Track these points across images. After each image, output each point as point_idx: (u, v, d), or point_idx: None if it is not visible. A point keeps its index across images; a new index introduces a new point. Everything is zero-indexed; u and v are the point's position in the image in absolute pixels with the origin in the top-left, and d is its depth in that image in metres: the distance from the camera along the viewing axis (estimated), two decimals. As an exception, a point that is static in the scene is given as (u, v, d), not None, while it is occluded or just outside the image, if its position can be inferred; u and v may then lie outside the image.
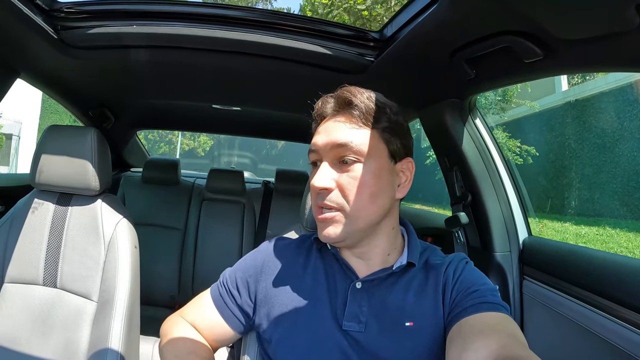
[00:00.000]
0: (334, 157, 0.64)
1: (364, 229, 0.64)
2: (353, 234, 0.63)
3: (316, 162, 0.67)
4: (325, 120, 0.68)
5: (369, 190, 0.62)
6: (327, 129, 0.66)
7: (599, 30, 0.59)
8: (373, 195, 0.63)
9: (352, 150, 0.62)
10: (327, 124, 0.67)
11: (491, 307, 0.56)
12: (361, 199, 0.62)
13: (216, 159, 17.72)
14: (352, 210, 0.62)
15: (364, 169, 0.62)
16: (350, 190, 0.62)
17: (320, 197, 0.63)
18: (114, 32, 0.99)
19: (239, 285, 0.73)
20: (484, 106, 8.07)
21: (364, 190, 0.62)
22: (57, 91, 1.49)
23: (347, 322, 0.62)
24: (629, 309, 0.77)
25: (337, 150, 0.63)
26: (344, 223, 0.62)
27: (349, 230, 0.63)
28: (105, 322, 1.00)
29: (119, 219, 1.12)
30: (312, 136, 0.71)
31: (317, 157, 0.66)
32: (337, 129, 0.64)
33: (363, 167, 0.62)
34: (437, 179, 7.88)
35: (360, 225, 0.63)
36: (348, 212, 0.62)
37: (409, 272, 0.66)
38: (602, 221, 6.22)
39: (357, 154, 0.62)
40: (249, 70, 1.19)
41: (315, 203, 0.65)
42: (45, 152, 1.09)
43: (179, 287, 2.11)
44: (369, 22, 6.38)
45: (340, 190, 0.62)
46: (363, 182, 0.62)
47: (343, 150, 0.62)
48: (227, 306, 0.72)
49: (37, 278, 1.08)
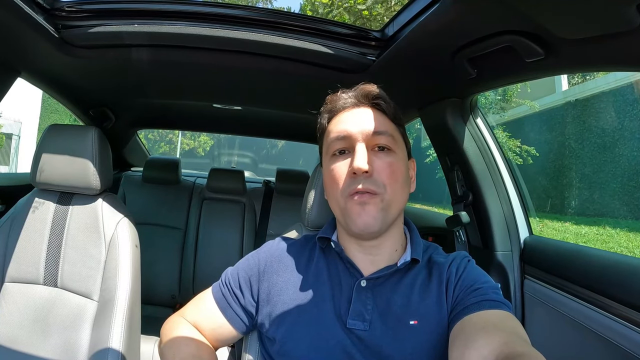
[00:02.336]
0: (368, 143, 0.64)
1: (394, 218, 0.65)
2: (386, 223, 0.64)
3: (344, 150, 0.66)
4: (349, 109, 0.68)
5: (402, 177, 0.64)
6: (356, 116, 0.66)
7: (600, 29, 0.59)
8: (404, 184, 0.65)
9: (387, 138, 0.64)
10: (353, 112, 0.67)
11: (493, 305, 0.57)
12: (396, 185, 0.63)
13: (216, 158, 17.71)
14: (389, 196, 0.63)
15: (397, 157, 0.65)
16: (388, 176, 0.63)
17: (358, 181, 0.62)
18: (115, 31, 0.99)
19: (241, 285, 0.72)
20: (484, 106, 8.07)
21: (398, 177, 0.64)
22: (58, 90, 1.49)
23: (352, 320, 0.63)
24: (630, 308, 0.77)
25: (373, 137, 0.64)
26: (380, 209, 0.62)
27: (385, 217, 0.63)
28: (106, 321, 1.00)
29: (120, 219, 1.12)
30: (324, 130, 0.71)
31: (346, 145, 0.65)
32: (369, 116, 0.66)
33: (396, 156, 0.65)
34: (437, 178, 7.89)
35: (392, 213, 0.64)
36: (386, 198, 0.62)
37: (412, 269, 0.66)
38: (602, 221, 6.22)
39: (391, 142, 0.65)
40: (250, 70, 1.19)
41: (348, 194, 0.63)
42: (45, 151, 1.09)
43: (179, 286, 2.11)
44: (369, 22, 6.37)
45: (378, 173, 0.63)
46: (397, 169, 0.64)
47: (379, 137, 0.64)
48: (230, 307, 0.72)
49: (37, 277, 1.08)
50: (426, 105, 1.23)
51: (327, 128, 0.71)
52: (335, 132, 0.67)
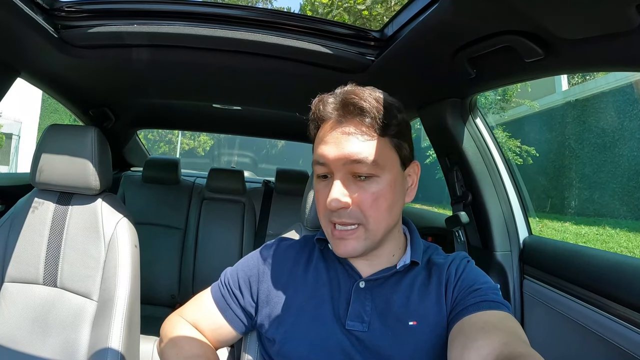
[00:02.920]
0: (347, 172, 0.60)
1: (381, 239, 0.63)
2: (372, 246, 0.63)
3: (326, 175, 0.63)
4: (331, 128, 0.62)
5: (386, 203, 0.60)
6: (337, 139, 0.60)
7: (600, 29, 0.59)
8: (390, 207, 0.61)
9: (368, 165, 0.59)
10: (335, 134, 0.61)
11: (493, 306, 0.57)
12: (380, 212, 0.60)
13: (216, 158, 17.70)
14: (371, 224, 0.60)
15: (380, 183, 0.60)
16: (369, 205, 0.59)
17: (336, 215, 0.60)
18: (115, 31, 0.99)
19: (241, 286, 0.72)
20: (483, 106, 8.07)
21: (382, 204, 0.60)
22: (58, 90, 1.49)
23: (351, 321, 0.62)
24: (629, 308, 0.77)
25: (351, 166, 0.59)
26: (364, 238, 0.61)
27: (369, 244, 0.62)
28: (106, 321, 1.00)
29: (120, 219, 1.12)
30: (313, 139, 0.67)
31: (326, 171, 0.62)
32: (349, 140, 0.59)
33: (379, 181, 0.60)
34: (437, 178, 7.88)
35: (378, 237, 0.62)
36: (368, 227, 0.60)
37: (412, 271, 0.66)
38: (602, 221, 6.23)
39: (373, 169, 0.59)
40: (249, 70, 1.19)
41: (329, 220, 0.62)
42: (45, 151, 1.09)
43: (179, 286, 2.11)
44: (369, 22, 6.38)
45: (357, 206, 0.60)
46: (380, 196, 0.60)
47: (358, 166, 0.59)
48: (229, 307, 0.71)
49: (37, 277, 1.08)
50: (426, 105, 1.23)
51: (315, 139, 0.67)
52: (316, 155, 0.63)
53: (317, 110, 0.65)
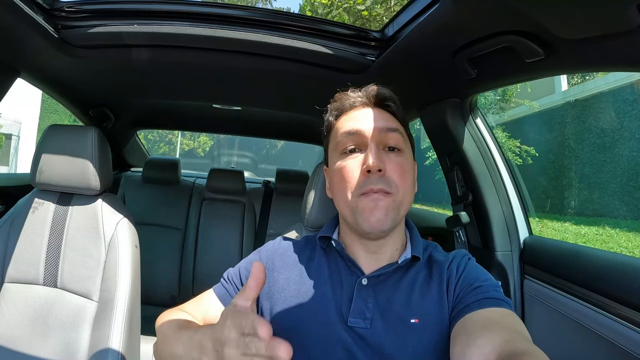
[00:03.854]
0: (379, 143, 0.64)
1: (402, 219, 0.66)
2: (396, 222, 0.64)
3: (354, 148, 0.66)
4: (358, 109, 0.68)
5: (410, 179, 0.66)
6: (367, 115, 0.66)
7: (600, 30, 0.59)
8: (412, 185, 0.67)
9: (398, 137, 0.65)
10: (364, 111, 0.67)
11: (494, 303, 0.57)
12: (407, 186, 0.64)
13: (216, 158, 17.71)
14: (401, 196, 0.63)
15: (406, 158, 0.66)
16: (400, 176, 0.63)
17: (371, 180, 0.62)
18: (115, 31, 0.99)
19: (244, 281, 0.71)
20: (483, 106, 8.07)
21: (408, 178, 0.65)
22: (58, 91, 1.49)
23: (353, 318, 0.62)
24: (629, 308, 0.77)
25: (385, 136, 0.64)
26: (392, 208, 0.63)
27: (395, 217, 0.63)
28: (106, 322, 1.00)
29: (120, 219, 1.12)
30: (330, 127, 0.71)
31: (357, 142, 0.65)
32: (379, 116, 0.66)
33: (405, 156, 0.66)
34: (437, 179, 7.89)
35: (402, 213, 0.65)
36: (397, 199, 0.63)
37: (413, 267, 0.67)
38: (602, 221, 6.23)
39: (402, 143, 0.65)
40: (249, 70, 1.19)
41: (360, 193, 0.63)
42: (45, 151, 1.09)
43: (179, 286, 2.11)
44: (369, 22, 6.38)
45: (389, 174, 0.63)
46: (407, 170, 0.65)
47: (391, 137, 0.64)
48: None
49: (37, 278, 1.08)
50: (426, 105, 1.23)
51: (336, 125, 0.71)
52: (345, 129, 0.67)
53: (340, 100, 0.71)
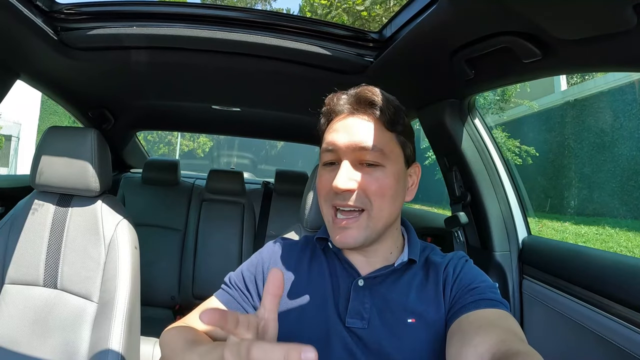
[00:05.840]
0: (355, 159, 0.63)
1: (381, 232, 0.64)
2: (371, 237, 0.63)
3: (333, 162, 0.65)
4: (342, 118, 0.66)
5: (389, 192, 0.63)
6: (347, 127, 0.64)
7: (598, 30, 0.60)
8: (392, 197, 0.63)
9: (375, 153, 0.62)
10: (347, 122, 0.65)
11: (490, 304, 0.57)
12: (383, 199, 0.62)
13: (215, 159, 17.71)
14: (375, 211, 0.62)
15: (385, 172, 0.63)
16: (373, 192, 0.62)
17: (341, 197, 0.62)
18: (114, 33, 0.99)
19: (248, 285, 0.71)
20: (482, 106, 8.08)
21: (386, 192, 0.62)
22: (57, 92, 1.49)
23: (350, 318, 0.63)
24: (628, 308, 0.77)
25: (360, 153, 0.62)
26: (364, 226, 0.62)
27: (369, 233, 0.63)
28: (106, 323, 1.00)
29: (119, 220, 1.12)
30: (322, 133, 0.70)
31: (334, 158, 0.65)
32: (359, 129, 0.63)
33: (384, 170, 0.63)
34: (436, 179, 7.89)
35: (379, 227, 0.63)
36: (371, 213, 0.62)
37: (410, 269, 0.67)
38: (602, 221, 6.24)
39: (379, 158, 0.62)
40: (248, 71, 1.19)
41: (331, 205, 0.64)
42: (45, 153, 1.09)
43: (179, 287, 2.11)
44: (368, 23, 6.39)
45: (362, 190, 0.62)
46: (384, 184, 0.62)
47: (366, 153, 0.62)
48: (242, 307, 0.70)
49: (37, 279, 1.08)
50: (424, 106, 1.24)
51: (324, 133, 0.70)
52: (325, 143, 0.66)
53: (330, 104, 0.69)
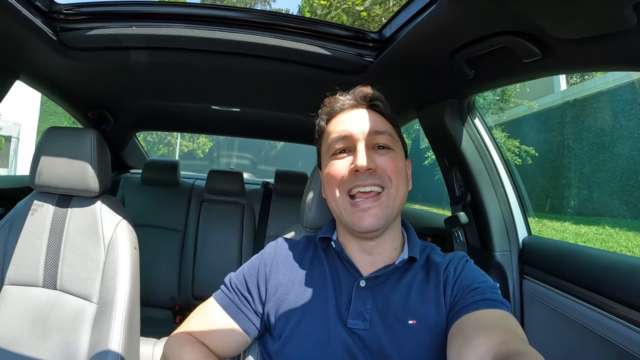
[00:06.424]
0: (369, 144, 0.66)
1: (396, 214, 0.67)
2: (390, 219, 0.65)
3: (344, 150, 0.68)
4: (347, 111, 0.70)
5: (403, 174, 0.67)
6: (355, 117, 0.68)
7: (597, 29, 0.60)
8: (406, 180, 0.68)
9: (387, 137, 0.67)
10: (352, 113, 0.69)
11: (491, 304, 0.57)
12: (400, 179, 0.66)
13: (215, 160, 17.71)
14: (393, 189, 0.65)
15: (397, 155, 0.68)
16: (392, 170, 0.65)
17: (361, 178, 0.64)
18: (113, 33, 0.99)
19: (250, 288, 0.71)
20: (482, 106, 8.08)
21: (401, 172, 0.67)
22: (56, 93, 1.49)
23: (352, 319, 0.63)
24: (629, 307, 0.77)
25: (373, 137, 0.66)
26: (385, 205, 0.64)
27: (390, 213, 0.65)
28: (105, 323, 1.00)
29: (119, 221, 1.12)
30: (323, 131, 0.73)
31: (347, 144, 0.67)
32: (368, 117, 0.68)
33: (395, 154, 0.68)
34: (436, 179, 7.89)
35: (396, 208, 0.66)
36: (392, 192, 0.65)
37: (411, 269, 0.67)
38: (602, 220, 6.24)
39: (391, 142, 0.67)
40: (248, 71, 1.19)
41: (347, 191, 0.66)
42: (44, 153, 1.09)
43: (178, 288, 2.11)
44: (368, 23, 6.38)
45: (381, 168, 0.65)
46: (399, 165, 0.67)
47: (379, 136, 0.66)
48: (241, 311, 0.70)
49: (37, 280, 1.08)
50: (424, 106, 1.24)
51: (326, 129, 0.72)
52: (335, 133, 0.68)
53: (330, 105, 0.73)
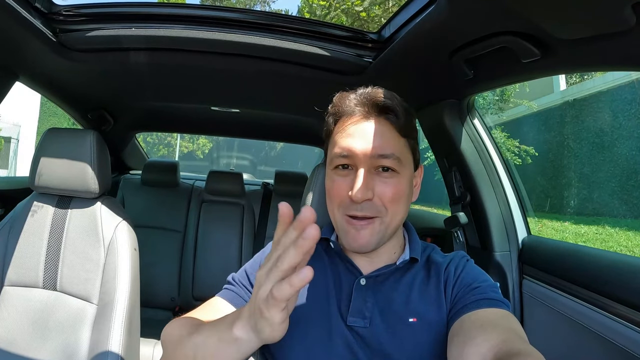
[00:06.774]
0: (371, 165, 0.62)
1: (391, 235, 0.65)
2: (383, 241, 0.64)
3: (346, 165, 0.64)
4: (356, 122, 0.64)
5: (403, 198, 0.64)
6: (363, 132, 0.62)
7: (596, 29, 0.60)
8: (405, 203, 0.65)
9: (392, 161, 0.62)
10: (361, 126, 0.63)
11: (492, 304, 0.57)
12: (398, 206, 0.63)
13: (215, 161, 17.71)
14: (389, 217, 0.62)
15: (400, 179, 0.63)
16: (389, 199, 0.62)
17: (358, 207, 0.61)
18: (113, 34, 0.99)
19: (252, 282, 0.70)
20: (482, 106, 8.09)
21: (400, 198, 0.63)
22: (56, 94, 1.49)
23: (352, 317, 0.63)
24: (629, 307, 0.77)
25: (377, 160, 0.61)
26: (377, 231, 0.62)
27: (381, 237, 0.63)
28: (105, 324, 1.00)
29: (119, 222, 1.12)
30: (330, 133, 0.69)
31: (349, 162, 0.63)
32: (377, 135, 0.62)
33: (399, 177, 0.63)
34: (436, 179, 7.89)
35: (390, 231, 0.64)
36: (385, 220, 0.62)
37: (411, 269, 0.67)
38: (602, 220, 6.24)
39: (396, 165, 0.62)
40: (247, 72, 1.19)
41: (344, 213, 0.63)
42: (44, 155, 1.09)
43: (179, 289, 2.11)
44: (367, 23, 6.39)
45: (379, 198, 0.62)
46: (399, 190, 0.63)
47: (384, 160, 0.61)
48: (245, 302, 0.66)
49: (37, 281, 1.08)
50: (424, 106, 1.24)
51: (333, 135, 0.68)
52: (339, 148, 0.64)
53: (339, 103, 0.67)
